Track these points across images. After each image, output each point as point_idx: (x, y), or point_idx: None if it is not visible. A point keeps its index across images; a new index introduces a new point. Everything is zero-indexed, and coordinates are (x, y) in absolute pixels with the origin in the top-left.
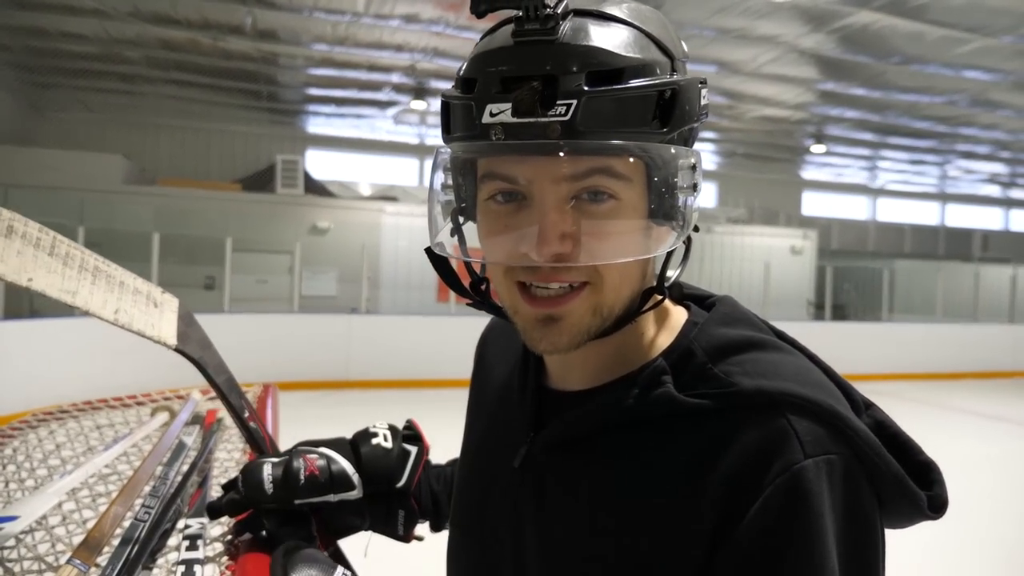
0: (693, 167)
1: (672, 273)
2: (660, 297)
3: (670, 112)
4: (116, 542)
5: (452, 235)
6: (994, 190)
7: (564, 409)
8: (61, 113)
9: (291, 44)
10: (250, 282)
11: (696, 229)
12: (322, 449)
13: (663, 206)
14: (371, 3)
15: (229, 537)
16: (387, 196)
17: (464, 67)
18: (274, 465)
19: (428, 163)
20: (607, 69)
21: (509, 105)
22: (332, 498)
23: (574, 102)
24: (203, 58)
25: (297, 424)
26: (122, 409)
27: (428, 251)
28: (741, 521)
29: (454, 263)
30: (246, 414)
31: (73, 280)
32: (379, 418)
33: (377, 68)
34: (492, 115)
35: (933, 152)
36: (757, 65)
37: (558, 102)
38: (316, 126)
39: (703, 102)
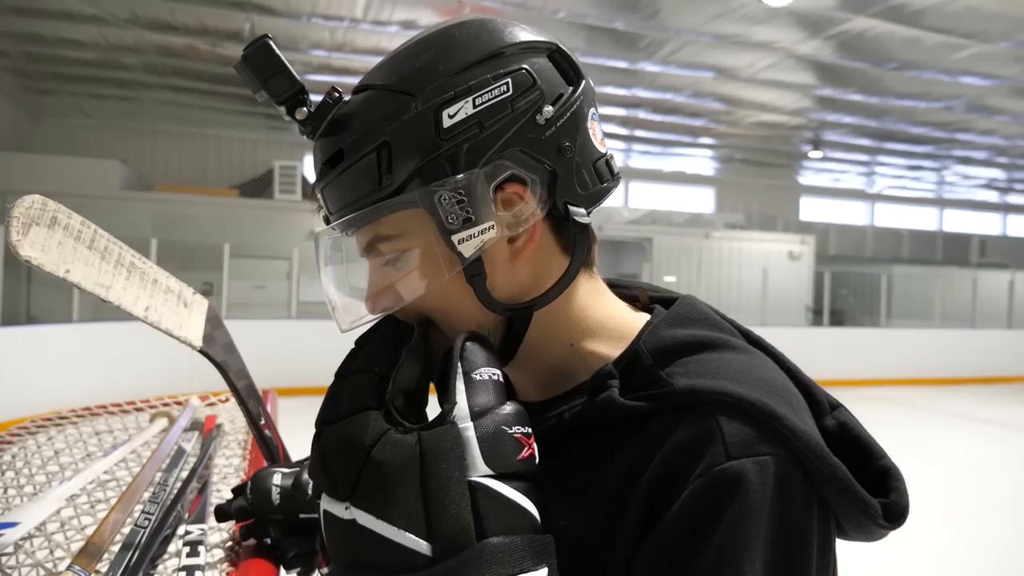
0: (459, 201)
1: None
2: (506, 314)
3: (390, 165)
4: (116, 548)
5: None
6: (991, 195)
7: None
8: (59, 119)
9: (289, 50)
10: (248, 288)
11: (476, 279)
12: None
13: (432, 247)
14: (369, 9)
15: (230, 543)
16: None
17: None
18: (284, 476)
19: None
20: (331, 155)
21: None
22: None
23: (319, 195)
24: (201, 64)
25: (297, 431)
26: (121, 415)
27: None
28: (663, 525)
29: None
30: (262, 421)
31: (109, 275)
32: None
33: None
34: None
35: (930, 157)
36: (754, 71)
37: (318, 196)
38: None
39: (483, 104)
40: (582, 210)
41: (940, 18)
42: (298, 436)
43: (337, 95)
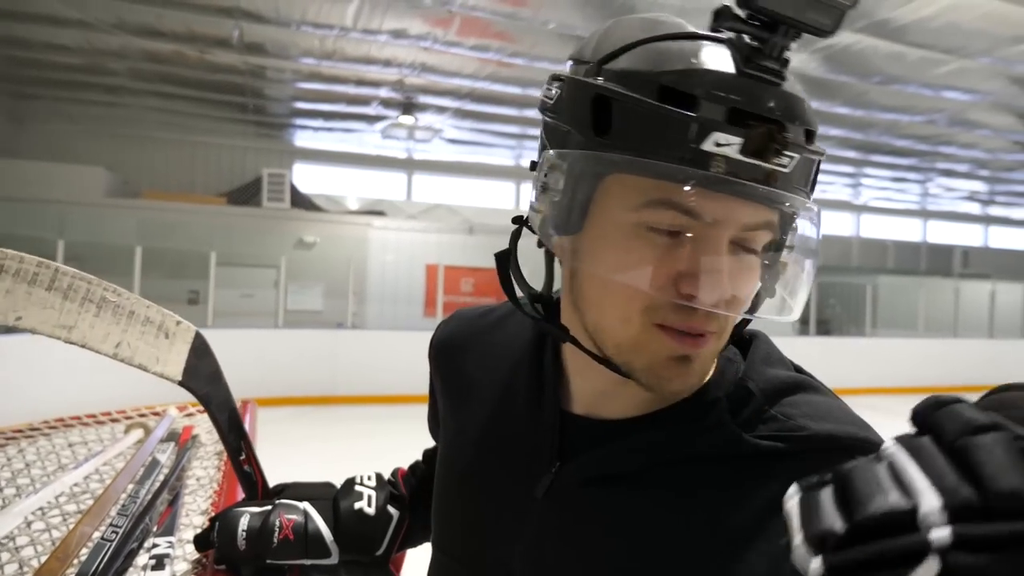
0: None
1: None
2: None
3: (815, 180)
4: (81, 562)
5: (539, 246)
6: (974, 207)
7: (596, 438)
8: (43, 124)
9: (279, 57)
10: (235, 296)
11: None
12: (303, 506)
13: (797, 267)
14: (359, 18)
15: (197, 557)
16: (374, 210)
17: (670, 75)
18: (252, 516)
19: (416, 178)
20: (812, 129)
21: (739, 140)
22: (306, 562)
23: (797, 156)
24: (189, 71)
25: (283, 441)
26: (95, 426)
27: (498, 256)
28: None
29: (526, 272)
30: (242, 456)
31: (72, 314)
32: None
33: (365, 82)
34: (717, 144)
35: (914, 170)
36: None
37: (786, 152)
38: (303, 140)
39: None
40: None
41: (922, 34)
42: (280, 448)
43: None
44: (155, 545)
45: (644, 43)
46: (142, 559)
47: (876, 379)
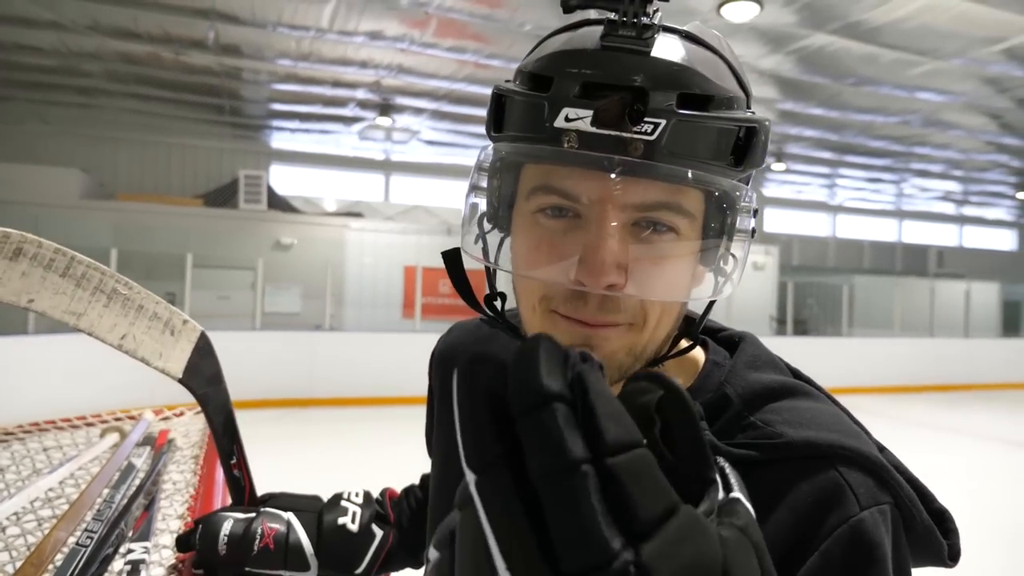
0: (754, 212)
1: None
2: (690, 343)
3: (745, 151)
4: (56, 568)
5: (476, 242)
6: (948, 207)
7: None
8: (17, 126)
9: (255, 59)
10: (211, 298)
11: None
12: (288, 516)
13: (722, 249)
14: (335, 19)
15: (174, 562)
16: (352, 212)
17: (535, 62)
18: (235, 522)
19: (394, 179)
20: (699, 94)
21: (590, 113)
22: (284, 573)
23: (663, 122)
24: (165, 72)
25: (260, 443)
26: (71, 430)
27: (447, 255)
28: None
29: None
30: (233, 460)
31: (83, 302)
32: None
33: (342, 84)
34: (567, 120)
35: (889, 170)
36: None
37: (646, 119)
38: (280, 141)
39: (769, 146)
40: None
41: (895, 35)
42: (263, 447)
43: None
44: (130, 551)
45: (543, 40)
46: (117, 564)
47: (853, 378)
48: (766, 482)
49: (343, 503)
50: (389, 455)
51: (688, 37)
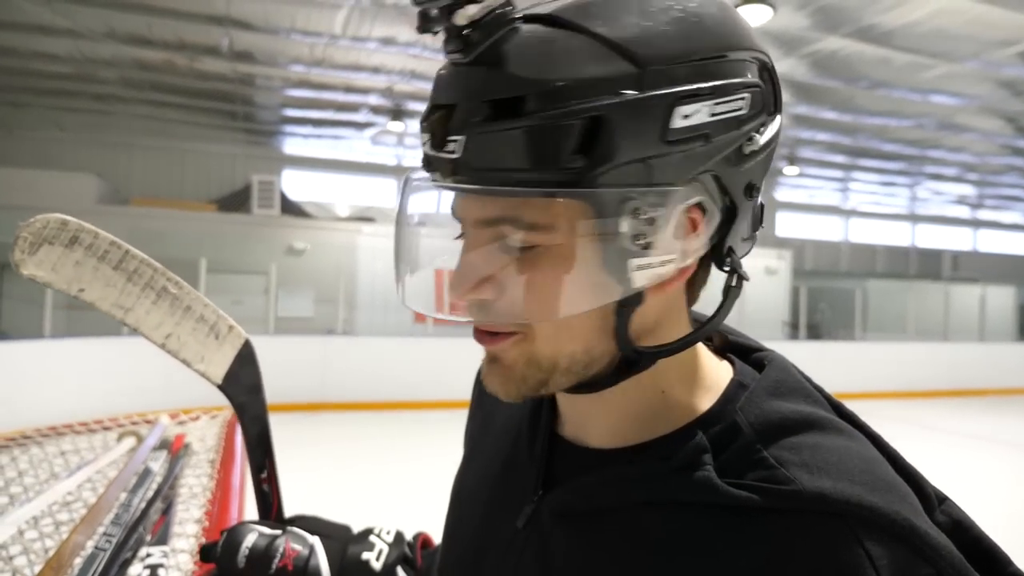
0: (650, 221)
1: (680, 332)
2: (639, 367)
3: (592, 144)
4: (76, 572)
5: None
6: (963, 211)
7: (579, 467)
8: (33, 132)
9: (268, 65)
10: (225, 303)
11: (635, 302)
12: (312, 540)
13: (590, 261)
14: (348, 25)
15: (191, 568)
16: (364, 217)
17: None
18: (260, 536)
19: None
20: (504, 98)
21: (428, 136)
22: None
23: (462, 138)
24: (179, 78)
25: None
26: (88, 435)
27: None
28: None
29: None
30: (263, 474)
31: (132, 297)
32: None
33: (354, 89)
34: (423, 144)
35: (903, 174)
36: None
37: (448, 137)
38: (293, 147)
39: (720, 115)
40: (738, 259)
41: (909, 39)
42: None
43: (510, 7)
44: (148, 555)
45: None
46: (136, 568)
47: (866, 384)
48: (766, 538)
49: (372, 538)
50: (401, 460)
51: (551, 23)
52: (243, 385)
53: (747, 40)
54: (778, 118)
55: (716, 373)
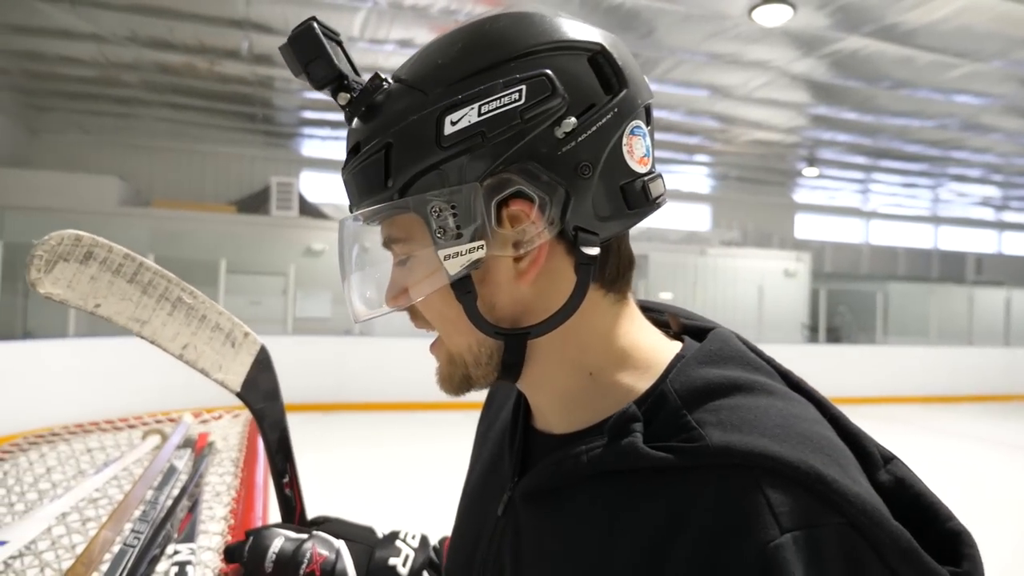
0: (453, 212)
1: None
2: (501, 340)
3: (390, 167)
4: (105, 568)
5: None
6: (987, 213)
7: (547, 453)
8: (57, 135)
9: (287, 68)
10: (244, 304)
11: (468, 292)
12: (339, 544)
13: (425, 258)
14: (366, 28)
15: (218, 566)
16: None
17: None
18: (287, 540)
19: None
20: (352, 144)
21: None
22: None
23: (347, 176)
24: (199, 82)
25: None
26: (113, 432)
27: None
28: None
29: None
30: (286, 479)
31: (147, 309)
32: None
33: None
34: None
35: (925, 175)
36: (749, 89)
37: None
38: (311, 149)
39: (489, 112)
40: (594, 236)
41: (932, 37)
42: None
43: (377, 83)
44: (176, 552)
45: None
46: (164, 565)
47: (887, 388)
48: (679, 494)
49: (398, 543)
50: (418, 459)
51: (397, 79)
52: (261, 392)
53: (547, 36)
54: (610, 98)
55: (659, 354)
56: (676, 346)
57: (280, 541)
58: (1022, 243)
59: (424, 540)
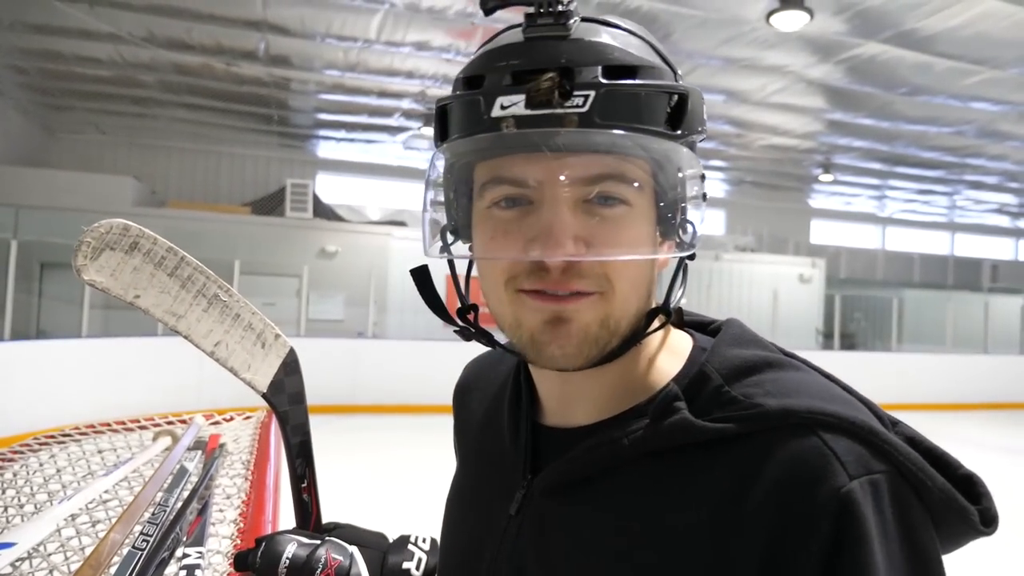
0: (702, 177)
1: (676, 294)
2: (665, 317)
3: (680, 116)
4: (113, 571)
5: (441, 254)
6: (1003, 220)
7: (565, 447)
8: (74, 135)
9: (303, 70)
10: (258, 305)
11: (692, 257)
12: (352, 549)
13: (673, 212)
14: (383, 30)
15: (226, 569)
16: (396, 221)
17: (466, 67)
18: (300, 546)
19: None
20: (622, 64)
21: (522, 97)
22: None
23: (592, 93)
24: (216, 83)
25: None
26: (124, 433)
27: (413, 272)
28: (791, 557)
29: (443, 285)
30: (304, 484)
31: (184, 304)
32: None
33: (388, 94)
34: (503, 107)
35: (942, 182)
36: (765, 95)
37: (575, 93)
38: (326, 150)
39: (704, 116)
40: None
41: (950, 44)
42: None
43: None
44: (185, 555)
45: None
46: (172, 569)
47: (903, 395)
48: (743, 457)
49: (410, 547)
50: (431, 462)
51: (607, 23)
52: (287, 394)
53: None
54: None
55: (682, 343)
56: (687, 336)
57: (293, 547)
58: None
59: (434, 543)
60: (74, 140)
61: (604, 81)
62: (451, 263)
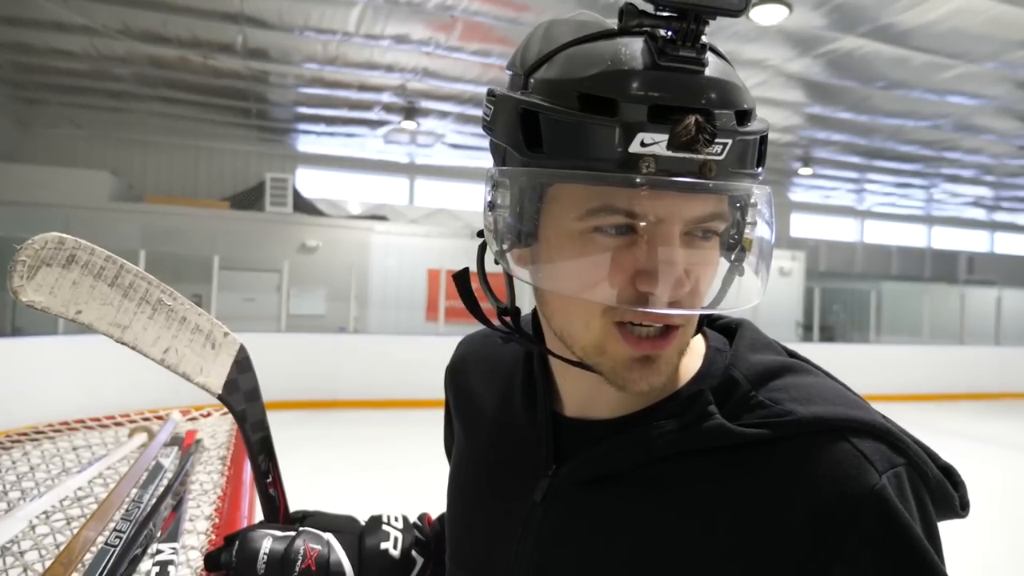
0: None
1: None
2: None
3: (763, 155)
4: (85, 568)
5: (496, 262)
6: (979, 213)
7: (589, 439)
8: (49, 129)
9: (281, 63)
10: (237, 300)
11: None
12: (327, 537)
13: (765, 246)
14: (362, 23)
15: (201, 565)
16: (377, 215)
17: (584, 80)
18: (276, 540)
19: (418, 183)
20: (745, 109)
21: (664, 137)
22: None
23: (729, 141)
24: (193, 76)
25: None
26: (100, 430)
27: (455, 276)
28: (836, 554)
29: (483, 289)
30: (268, 479)
31: (128, 314)
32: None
33: (367, 88)
34: (643, 144)
35: (919, 175)
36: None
37: (717, 140)
38: (306, 144)
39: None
40: None
41: (927, 38)
42: (287, 450)
43: None
44: (159, 551)
45: (565, 48)
46: (146, 565)
47: (880, 387)
48: (781, 460)
49: (384, 527)
50: (412, 457)
51: (712, 50)
52: (242, 392)
53: None
54: None
55: (695, 342)
56: (698, 335)
57: (268, 542)
58: (1013, 243)
59: (406, 520)
60: (49, 134)
61: (740, 129)
62: (505, 264)
